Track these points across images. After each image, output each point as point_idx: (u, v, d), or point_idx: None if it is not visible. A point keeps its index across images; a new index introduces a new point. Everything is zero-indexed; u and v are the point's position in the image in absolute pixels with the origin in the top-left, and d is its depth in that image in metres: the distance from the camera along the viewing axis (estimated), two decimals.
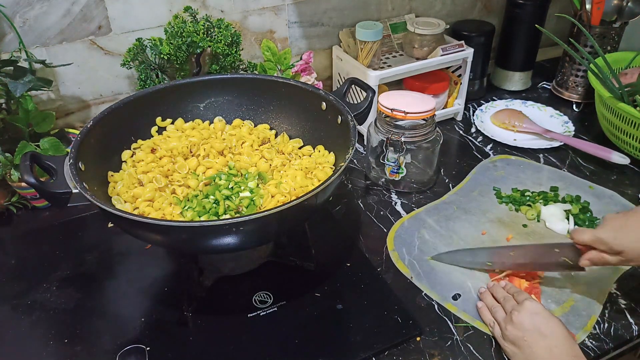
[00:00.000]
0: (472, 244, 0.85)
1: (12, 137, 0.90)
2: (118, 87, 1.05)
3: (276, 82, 0.88)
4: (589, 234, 0.68)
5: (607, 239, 0.66)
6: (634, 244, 0.64)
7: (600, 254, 0.68)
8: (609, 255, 0.67)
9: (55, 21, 0.93)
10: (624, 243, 0.65)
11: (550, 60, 1.43)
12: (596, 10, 1.12)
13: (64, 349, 0.70)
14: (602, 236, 0.66)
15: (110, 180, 0.77)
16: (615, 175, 1.01)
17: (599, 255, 0.68)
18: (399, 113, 0.90)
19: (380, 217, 0.92)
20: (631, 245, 0.64)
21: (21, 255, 0.85)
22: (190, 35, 0.93)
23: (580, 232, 0.70)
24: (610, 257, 0.67)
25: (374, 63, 1.06)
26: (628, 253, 0.65)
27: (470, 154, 1.09)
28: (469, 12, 1.31)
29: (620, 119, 0.99)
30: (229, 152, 0.84)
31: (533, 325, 0.64)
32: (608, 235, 0.66)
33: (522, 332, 0.65)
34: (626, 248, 0.65)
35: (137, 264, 0.83)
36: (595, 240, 0.67)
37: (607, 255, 0.67)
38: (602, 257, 0.67)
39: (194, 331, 0.71)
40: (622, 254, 0.65)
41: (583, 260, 0.70)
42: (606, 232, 0.66)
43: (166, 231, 0.62)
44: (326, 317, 0.73)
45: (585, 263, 0.70)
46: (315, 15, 1.13)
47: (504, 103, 1.23)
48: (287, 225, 0.69)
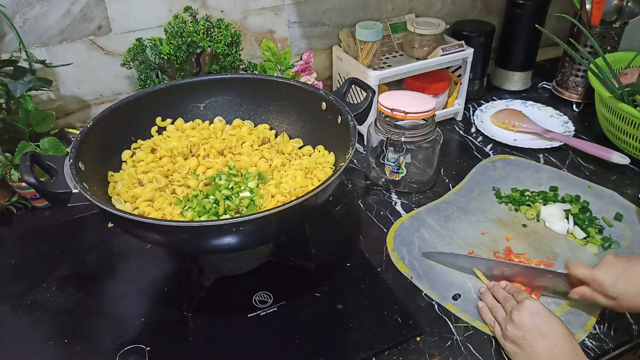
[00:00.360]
0: (472, 243, 0.85)
1: (12, 137, 0.90)
2: (118, 87, 1.05)
3: (276, 82, 0.88)
4: (587, 272, 0.68)
5: (605, 283, 0.66)
6: (631, 294, 0.64)
7: (592, 292, 0.68)
8: (601, 297, 0.67)
9: (55, 21, 0.93)
10: (621, 291, 0.65)
11: (550, 60, 1.43)
12: (596, 10, 1.12)
13: (64, 349, 0.70)
14: (600, 279, 0.66)
15: (110, 180, 0.77)
16: (615, 175, 1.01)
17: (591, 294, 0.68)
18: (399, 113, 0.90)
19: (380, 217, 0.92)
20: (628, 294, 0.64)
21: (21, 255, 0.85)
22: (190, 35, 0.93)
23: (578, 266, 0.70)
24: (603, 298, 0.67)
25: (374, 63, 1.06)
26: (622, 301, 0.65)
27: (470, 154, 1.09)
28: (469, 12, 1.31)
29: (620, 119, 0.99)
30: (229, 152, 0.84)
31: (533, 325, 0.65)
32: (606, 280, 0.66)
33: (522, 331, 0.65)
34: (622, 297, 0.65)
35: (137, 264, 0.83)
36: (591, 280, 0.67)
37: (600, 296, 0.67)
38: (593, 296, 0.68)
39: (194, 331, 0.71)
40: (617, 300, 0.65)
41: (573, 294, 0.70)
42: (605, 276, 0.66)
43: (166, 231, 0.62)
44: (326, 317, 0.73)
45: (575, 297, 0.70)
46: (315, 15, 1.13)
47: (504, 103, 1.23)
48: (287, 225, 0.69)
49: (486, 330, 0.71)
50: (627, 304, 0.65)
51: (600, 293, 0.67)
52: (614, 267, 0.67)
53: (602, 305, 0.68)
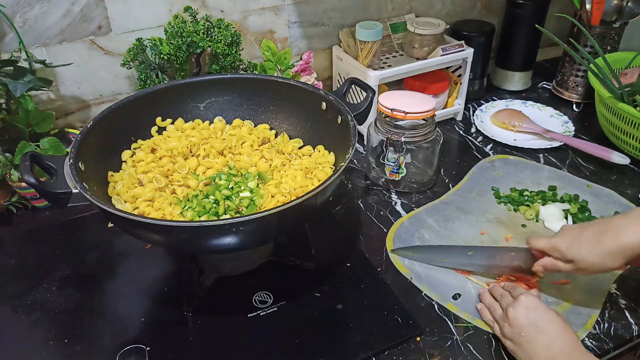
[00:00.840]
0: (472, 244, 0.85)
1: (12, 137, 0.90)
2: (118, 87, 1.05)
3: (276, 82, 0.88)
4: (545, 241, 0.71)
5: (561, 247, 0.68)
6: (585, 254, 0.66)
7: (553, 261, 0.70)
8: (561, 263, 0.69)
9: (55, 21, 0.93)
10: (577, 253, 0.67)
11: (550, 60, 1.43)
12: (596, 10, 1.12)
13: (64, 349, 0.70)
14: (557, 244, 0.69)
15: (110, 180, 0.77)
16: (615, 175, 1.01)
17: (552, 262, 0.70)
18: (399, 113, 0.90)
19: (380, 217, 0.92)
20: (583, 255, 0.66)
21: (21, 255, 0.85)
22: (190, 35, 0.93)
23: (537, 239, 0.72)
24: (562, 264, 0.69)
25: (374, 63, 1.06)
26: (579, 262, 0.67)
27: (470, 154, 1.09)
28: (469, 12, 1.31)
29: (620, 119, 0.99)
30: (229, 152, 0.84)
31: (529, 321, 0.65)
32: (562, 244, 0.68)
33: (519, 328, 0.65)
34: (578, 258, 0.67)
35: (137, 264, 0.83)
36: (549, 247, 0.70)
37: (560, 263, 0.69)
38: (554, 264, 0.70)
39: (194, 331, 0.71)
40: (574, 262, 0.67)
41: (536, 266, 0.72)
42: (561, 241, 0.69)
43: (166, 231, 0.62)
44: (326, 317, 0.73)
45: (538, 269, 0.72)
46: (315, 15, 1.13)
47: (504, 103, 1.23)
48: (287, 225, 0.69)
49: (487, 329, 0.72)
50: (582, 264, 0.67)
51: (560, 260, 0.69)
52: (570, 232, 0.69)
53: (564, 272, 0.69)
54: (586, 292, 0.76)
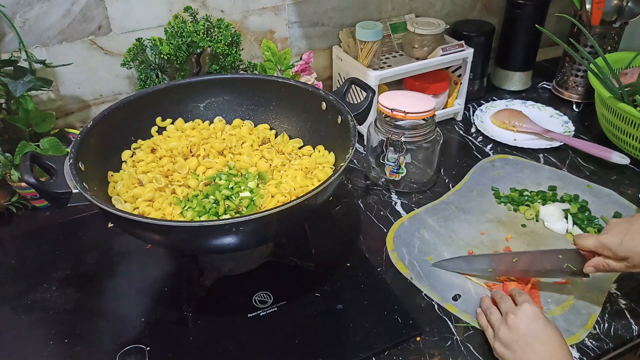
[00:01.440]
0: (472, 244, 0.85)
1: (12, 137, 0.90)
2: (118, 87, 1.05)
3: (276, 82, 0.88)
4: (593, 240, 0.67)
5: (612, 245, 0.64)
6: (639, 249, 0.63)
7: (605, 260, 0.66)
8: (614, 262, 0.65)
9: (55, 21, 0.93)
10: (630, 249, 0.63)
11: (550, 60, 1.43)
12: (596, 10, 1.12)
13: (64, 349, 0.70)
14: (607, 242, 0.65)
15: (110, 180, 0.77)
16: (615, 175, 1.01)
17: (604, 262, 0.66)
18: (399, 113, 0.90)
19: (380, 217, 0.92)
20: (637, 250, 0.63)
21: (21, 255, 0.85)
22: (190, 35, 0.93)
23: (584, 237, 0.68)
24: (616, 263, 0.65)
25: (374, 63, 1.06)
26: (633, 258, 0.63)
27: (470, 154, 1.09)
28: (469, 12, 1.31)
29: (620, 119, 0.99)
30: (229, 152, 0.84)
31: (529, 330, 0.63)
32: (613, 241, 0.64)
33: (517, 335, 0.64)
34: (632, 254, 0.63)
35: (137, 264, 0.83)
36: (599, 246, 0.66)
37: (612, 262, 0.65)
38: (607, 264, 0.66)
39: (194, 331, 0.71)
40: (628, 259, 0.64)
41: (587, 267, 0.69)
42: (611, 238, 0.65)
43: (166, 231, 0.62)
44: (326, 317, 0.73)
45: (590, 270, 0.69)
46: (315, 15, 1.13)
47: (504, 103, 1.23)
48: (287, 225, 0.69)
49: None
50: (638, 261, 0.63)
51: (612, 258, 0.65)
52: (618, 228, 0.65)
53: (618, 270, 0.66)
54: (586, 292, 0.76)
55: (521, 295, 0.69)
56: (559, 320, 0.72)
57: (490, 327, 0.68)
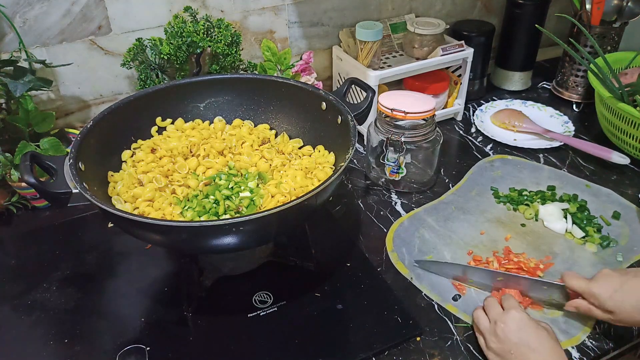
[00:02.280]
0: (472, 243, 0.85)
1: (12, 137, 0.90)
2: (118, 87, 1.05)
3: (276, 82, 0.88)
4: (583, 285, 0.66)
5: (601, 297, 0.64)
6: (629, 308, 0.63)
7: (589, 306, 0.66)
8: (597, 310, 0.65)
9: (55, 21, 0.93)
10: (618, 305, 0.63)
11: (550, 60, 1.43)
12: (596, 10, 1.12)
13: (64, 349, 0.70)
14: (596, 292, 0.65)
15: (110, 180, 0.77)
16: (615, 175, 1.01)
17: (587, 307, 0.66)
18: (399, 113, 0.90)
19: (380, 217, 0.92)
20: (625, 309, 0.63)
21: (21, 255, 0.85)
22: (190, 35, 0.93)
23: (574, 278, 0.68)
24: (599, 312, 0.65)
25: (374, 63, 1.06)
26: (618, 315, 0.63)
27: (470, 154, 1.09)
28: (469, 12, 1.31)
29: (620, 119, 0.99)
30: (229, 152, 0.84)
31: (520, 339, 0.63)
32: (603, 294, 0.64)
33: (508, 345, 0.63)
34: (618, 310, 0.63)
35: (137, 264, 0.83)
36: (587, 292, 0.66)
37: (596, 309, 0.66)
38: (590, 310, 0.66)
39: (194, 331, 0.71)
40: (613, 314, 0.64)
41: (569, 306, 0.69)
42: (601, 290, 0.65)
43: (166, 231, 0.62)
44: (326, 317, 0.73)
45: (571, 309, 0.69)
46: (315, 15, 1.13)
47: (504, 103, 1.23)
48: (287, 225, 0.69)
49: None
50: (624, 317, 0.63)
51: (596, 306, 0.66)
52: (611, 281, 0.65)
53: (598, 318, 0.67)
54: None
55: (508, 300, 0.68)
56: (559, 322, 0.72)
57: (481, 336, 0.68)
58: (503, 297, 0.70)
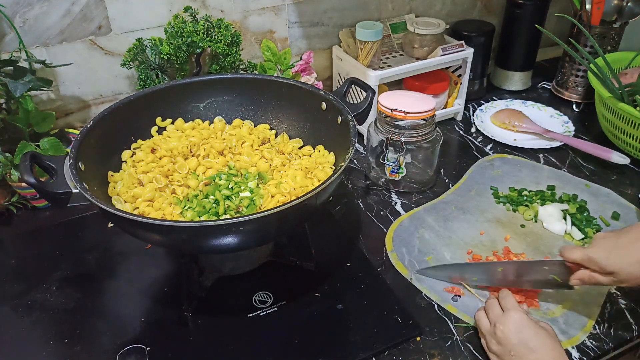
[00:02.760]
0: (471, 243, 0.85)
1: (12, 137, 0.90)
2: (118, 87, 1.05)
3: (276, 82, 0.88)
4: (580, 253, 0.66)
5: (598, 259, 0.64)
6: (626, 264, 0.63)
7: (591, 273, 0.66)
8: (600, 275, 0.65)
9: (55, 21, 0.93)
10: (616, 263, 0.63)
11: (550, 60, 1.43)
12: (596, 10, 1.12)
13: (64, 349, 0.70)
14: (594, 256, 0.65)
15: (110, 180, 0.77)
16: (615, 176, 1.01)
17: (590, 275, 0.66)
18: (399, 113, 0.90)
19: (380, 217, 0.92)
20: (623, 266, 0.63)
21: (21, 255, 0.85)
22: (190, 35, 0.93)
23: (570, 250, 0.68)
24: (602, 277, 0.65)
25: (374, 63, 1.06)
26: (620, 274, 0.63)
27: (470, 154, 1.09)
28: (469, 12, 1.31)
29: (620, 119, 0.99)
30: (229, 152, 0.84)
31: (519, 339, 0.62)
32: (600, 255, 0.64)
33: (508, 346, 0.63)
34: (618, 269, 0.63)
35: (137, 264, 0.83)
36: (586, 259, 0.66)
37: (599, 275, 0.65)
38: (592, 277, 0.66)
39: (194, 331, 0.71)
40: (614, 274, 0.64)
41: (573, 280, 0.68)
42: (598, 252, 0.65)
43: (166, 231, 0.62)
44: (326, 317, 0.73)
45: (576, 282, 0.68)
46: (315, 15, 1.13)
47: (504, 103, 1.23)
48: (287, 225, 0.69)
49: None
50: (625, 276, 0.63)
51: (598, 272, 0.65)
52: (605, 242, 0.65)
53: (604, 284, 0.66)
54: (586, 293, 0.76)
55: (506, 300, 0.68)
56: (559, 322, 0.72)
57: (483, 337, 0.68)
58: (500, 297, 0.69)
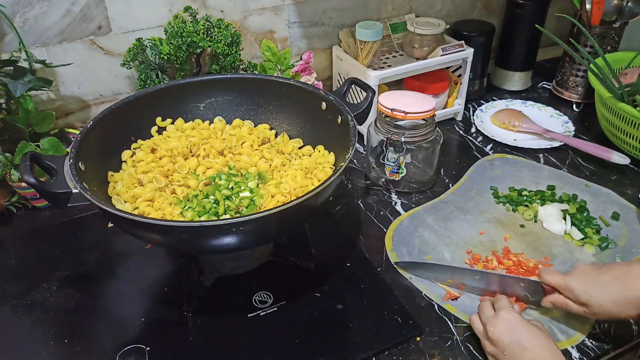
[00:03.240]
0: (471, 243, 0.85)
1: (12, 137, 0.90)
2: (118, 87, 1.05)
3: (276, 82, 0.88)
4: (559, 279, 0.67)
5: (576, 289, 0.65)
6: (602, 301, 0.63)
7: (564, 299, 0.67)
8: (572, 304, 0.66)
9: (55, 21, 0.93)
10: (592, 297, 0.64)
11: (550, 60, 1.43)
12: (596, 10, 1.12)
13: (64, 349, 0.70)
14: (572, 285, 0.65)
15: (110, 180, 0.77)
16: (615, 176, 1.01)
17: (563, 301, 0.67)
18: (399, 113, 0.90)
19: (380, 217, 0.92)
20: (599, 301, 0.64)
21: (21, 255, 0.85)
22: (190, 35, 0.93)
23: (549, 274, 0.69)
24: (574, 305, 0.66)
25: (374, 63, 1.06)
26: (593, 308, 0.64)
27: (470, 154, 1.09)
28: (469, 12, 1.31)
29: (620, 119, 0.99)
30: (229, 152, 0.84)
31: (512, 339, 0.63)
32: (578, 287, 0.65)
33: (501, 346, 0.63)
34: (593, 303, 0.64)
35: (137, 264, 0.83)
36: (563, 286, 0.67)
37: (571, 303, 0.66)
38: (565, 304, 0.67)
39: (194, 331, 0.71)
40: (587, 306, 0.65)
41: (546, 301, 0.70)
42: (577, 283, 0.65)
43: (166, 231, 0.62)
44: (326, 317, 0.73)
45: (548, 304, 0.69)
46: (315, 15, 1.13)
47: (504, 103, 1.23)
48: (287, 225, 0.69)
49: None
50: (597, 310, 0.64)
51: (572, 300, 0.66)
52: (586, 274, 0.66)
53: (573, 312, 0.67)
54: None
55: (499, 300, 0.69)
56: (559, 321, 0.72)
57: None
58: (496, 299, 0.70)
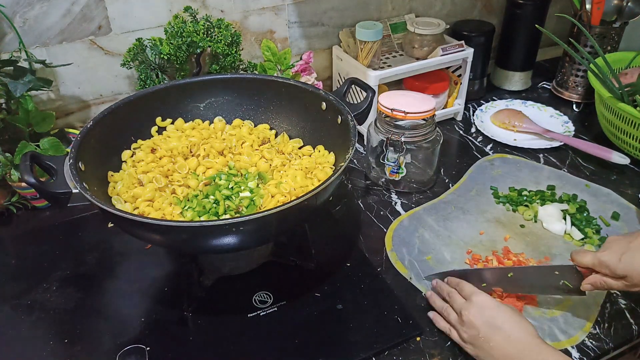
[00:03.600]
0: (471, 243, 0.85)
1: (12, 137, 0.90)
2: (118, 87, 1.05)
3: (276, 82, 0.88)
4: (591, 257, 0.65)
5: (610, 262, 0.63)
6: (638, 268, 0.61)
7: (602, 277, 0.65)
8: (612, 280, 0.64)
9: (55, 21, 0.93)
10: (628, 267, 0.61)
11: (550, 60, 1.43)
12: (596, 10, 1.12)
13: (64, 349, 0.70)
14: (605, 259, 0.63)
15: (110, 180, 0.77)
16: (615, 176, 1.01)
17: (602, 279, 0.65)
18: (399, 113, 0.90)
19: (380, 217, 0.92)
20: (635, 269, 0.61)
21: (21, 255, 0.85)
22: (190, 35, 0.93)
23: (581, 254, 0.67)
24: (614, 281, 0.64)
25: (374, 63, 1.06)
26: (633, 278, 0.62)
27: (470, 154, 1.09)
28: (469, 12, 1.31)
29: (620, 119, 0.99)
30: (229, 152, 0.84)
31: (484, 320, 0.63)
32: (611, 259, 0.63)
33: (476, 329, 0.63)
34: (630, 272, 0.61)
35: (137, 264, 0.83)
36: (597, 263, 0.64)
37: (610, 280, 0.64)
38: (604, 281, 0.64)
39: (194, 331, 0.71)
40: (626, 278, 0.62)
41: (585, 285, 0.67)
42: (609, 256, 0.63)
43: (166, 231, 0.62)
44: (326, 317, 0.73)
45: (587, 287, 0.67)
46: (315, 15, 1.13)
47: (504, 103, 1.23)
48: (287, 225, 0.69)
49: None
50: (637, 280, 0.61)
51: (609, 276, 0.64)
52: (617, 245, 0.64)
53: (616, 289, 0.65)
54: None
55: (465, 288, 0.68)
56: (559, 321, 0.72)
57: (453, 329, 0.68)
58: (458, 288, 0.69)
